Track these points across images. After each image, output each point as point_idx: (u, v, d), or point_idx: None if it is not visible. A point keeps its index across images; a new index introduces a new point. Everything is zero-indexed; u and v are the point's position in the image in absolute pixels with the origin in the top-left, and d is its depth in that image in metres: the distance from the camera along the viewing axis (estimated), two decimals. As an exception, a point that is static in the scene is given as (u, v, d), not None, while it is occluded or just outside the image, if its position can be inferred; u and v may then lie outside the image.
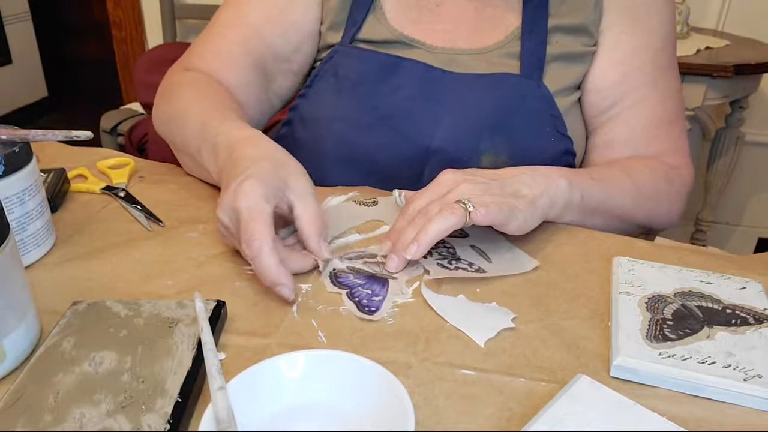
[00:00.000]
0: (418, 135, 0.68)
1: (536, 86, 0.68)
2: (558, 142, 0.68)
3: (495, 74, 0.69)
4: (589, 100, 0.71)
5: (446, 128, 0.68)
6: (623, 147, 0.71)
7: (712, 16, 1.79)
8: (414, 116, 0.69)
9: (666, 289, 0.50)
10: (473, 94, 0.68)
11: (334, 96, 0.72)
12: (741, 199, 2.00)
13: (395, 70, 0.70)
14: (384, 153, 0.70)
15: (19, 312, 0.42)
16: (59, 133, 0.54)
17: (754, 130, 1.85)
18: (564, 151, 0.69)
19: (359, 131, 0.70)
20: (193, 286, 0.51)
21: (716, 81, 1.45)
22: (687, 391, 0.41)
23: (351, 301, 0.50)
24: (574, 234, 0.61)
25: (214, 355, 0.40)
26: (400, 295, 0.51)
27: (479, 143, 0.67)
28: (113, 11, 2.14)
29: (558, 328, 0.47)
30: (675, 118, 0.72)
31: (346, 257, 0.56)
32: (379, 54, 0.71)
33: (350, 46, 0.72)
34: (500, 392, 0.41)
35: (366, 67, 0.71)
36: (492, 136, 0.67)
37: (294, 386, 0.38)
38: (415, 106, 0.69)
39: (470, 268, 0.54)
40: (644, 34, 0.71)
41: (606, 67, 0.70)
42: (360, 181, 0.70)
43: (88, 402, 0.37)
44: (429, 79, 0.69)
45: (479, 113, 0.68)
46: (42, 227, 0.55)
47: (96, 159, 0.73)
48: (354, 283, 0.52)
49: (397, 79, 0.70)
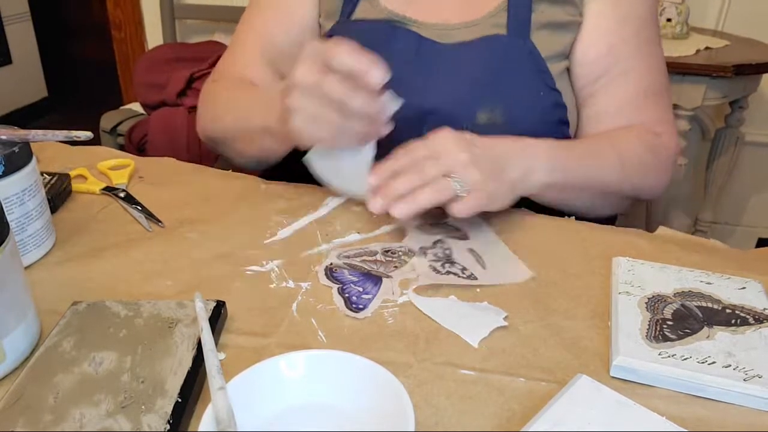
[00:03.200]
0: (413, 98, 0.70)
1: (523, 44, 0.70)
2: (547, 96, 0.70)
3: (483, 38, 0.71)
4: (576, 71, 0.73)
5: (440, 89, 0.70)
6: (612, 118, 0.72)
7: (712, 16, 1.79)
8: (408, 79, 0.71)
9: (666, 289, 0.50)
10: (464, 57, 0.71)
11: None
12: (741, 199, 2.00)
13: (389, 38, 0.73)
14: None
15: (19, 312, 0.42)
16: (59, 133, 0.54)
17: (754, 130, 1.85)
18: (554, 103, 0.70)
19: None
20: (193, 286, 0.51)
21: (716, 81, 1.45)
22: (687, 391, 0.41)
23: (340, 297, 0.50)
24: (574, 234, 0.61)
25: (214, 355, 0.40)
26: (390, 295, 0.51)
27: (473, 101, 0.70)
28: (113, 11, 2.14)
29: (558, 328, 0.47)
30: (661, 90, 0.74)
31: (344, 254, 0.56)
32: (372, 23, 0.75)
33: (345, 21, 0.76)
34: (500, 392, 0.41)
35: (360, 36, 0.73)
36: (484, 93, 0.70)
37: (294, 386, 0.38)
38: (409, 69, 0.72)
39: (462, 274, 0.54)
40: (629, 6, 0.72)
41: (592, 39, 0.72)
42: None
43: (88, 402, 0.37)
44: (421, 47, 0.73)
45: (471, 73, 0.70)
46: (42, 227, 0.55)
47: (96, 159, 0.73)
48: (347, 279, 0.52)
49: (390, 47, 0.73)
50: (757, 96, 1.75)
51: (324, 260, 0.55)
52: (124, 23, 2.15)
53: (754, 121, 1.83)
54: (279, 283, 0.52)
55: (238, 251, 0.57)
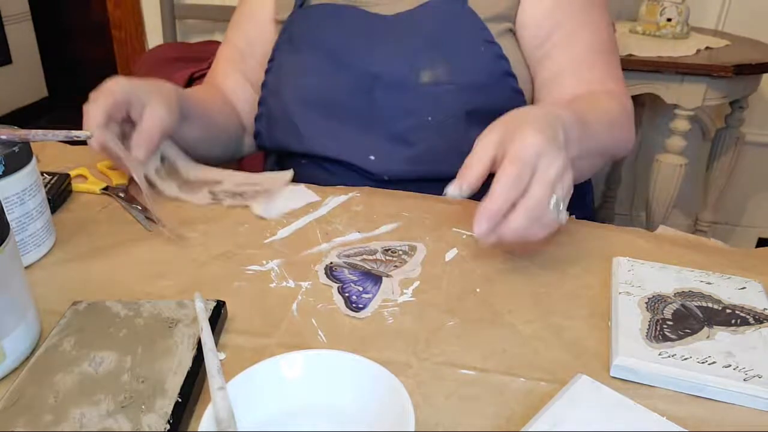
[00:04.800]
0: (361, 63, 0.75)
1: (460, 8, 0.73)
2: (488, 49, 0.72)
3: (422, 5, 0.74)
4: (524, 35, 0.74)
5: (385, 53, 0.73)
6: (570, 76, 0.73)
7: (712, 16, 1.79)
8: (356, 49, 0.75)
9: (666, 289, 0.50)
10: (406, 25, 0.74)
11: (290, 55, 0.79)
12: (741, 199, 2.00)
13: (337, 17, 0.77)
14: (336, 89, 0.75)
15: (19, 312, 0.42)
16: (59, 133, 0.54)
17: (754, 130, 1.85)
18: (496, 55, 0.72)
19: (312, 76, 0.77)
20: (193, 286, 0.51)
21: (716, 81, 1.44)
22: (687, 391, 0.41)
23: (340, 296, 0.50)
24: (574, 234, 0.61)
25: (214, 355, 0.40)
26: (390, 295, 0.51)
27: (415, 62, 0.72)
28: (113, 11, 2.14)
29: (558, 328, 0.47)
30: (609, 49, 0.76)
31: (344, 253, 0.56)
32: (322, 6, 0.78)
33: (297, 11, 0.80)
34: (500, 392, 0.41)
35: (311, 19, 0.79)
36: (425, 52, 0.72)
37: (294, 386, 0.38)
38: (357, 42, 0.75)
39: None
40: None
41: (535, 3, 0.73)
42: (322, 121, 0.76)
43: (88, 402, 0.37)
44: (368, 21, 0.76)
45: (411, 37, 0.73)
46: (42, 227, 0.55)
47: (96, 159, 0.73)
48: (347, 278, 0.52)
49: (339, 24, 0.77)
50: (757, 96, 1.75)
51: (324, 259, 0.55)
52: (124, 23, 2.15)
53: (754, 121, 1.83)
54: (279, 283, 0.52)
55: (238, 251, 0.57)
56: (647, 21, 1.67)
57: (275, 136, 0.81)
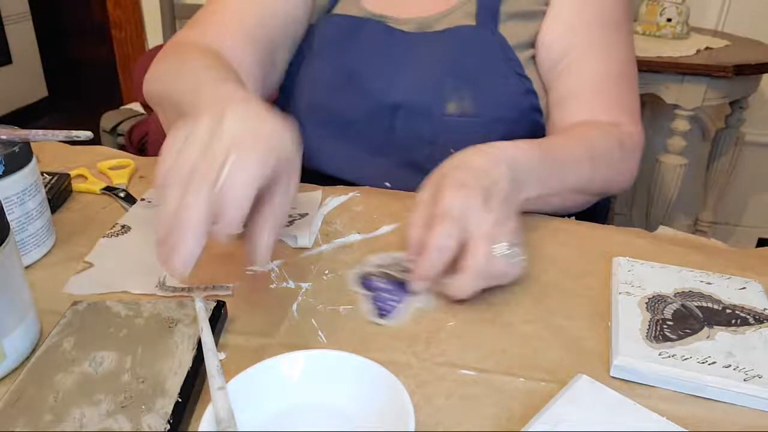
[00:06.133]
0: (382, 90, 0.72)
1: (491, 33, 0.70)
2: (517, 83, 0.70)
3: (451, 28, 0.72)
4: (540, 55, 0.73)
5: (409, 81, 0.71)
6: (574, 102, 0.70)
7: (712, 16, 1.79)
8: (377, 72, 0.72)
9: (666, 289, 0.50)
10: (432, 48, 0.72)
11: (309, 64, 0.76)
12: (741, 199, 2.00)
13: (358, 31, 0.74)
14: (353, 111, 0.73)
15: (19, 312, 0.42)
16: (59, 133, 0.54)
17: (754, 130, 1.85)
18: (525, 90, 0.70)
19: (328, 92, 0.74)
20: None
21: (716, 81, 1.45)
22: (687, 391, 0.41)
23: (371, 305, 0.49)
24: (574, 234, 0.61)
25: (214, 354, 0.40)
26: (421, 303, 0.50)
27: (442, 91, 0.70)
28: (113, 11, 2.14)
29: (558, 328, 0.47)
30: (623, 74, 0.72)
31: (378, 262, 0.55)
32: (344, 17, 0.75)
33: (322, 17, 0.77)
34: (500, 392, 0.41)
35: (332, 30, 0.76)
36: (453, 82, 0.70)
37: (294, 386, 0.38)
38: (378, 62, 0.72)
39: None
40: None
41: (554, 23, 0.72)
42: (335, 141, 0.73)
43: (88, 402, 0.37)
44: (389, 39, 0.73)
45: (439, 63, 0.71)
46: (42, 227, 0.55)
47: (96, 159, 0.73)
48: (380, 287, 0.52)
49: (359, 40, 0.74)
50: (757, 96, 1.75)
51: (357, 267, 0.54)
52: (125, 23, 2.15)
53: (754, 121, 1.83)
54: (279, 283, 0.52)
55: (238, 251, 0.57)
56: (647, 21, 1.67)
57: None
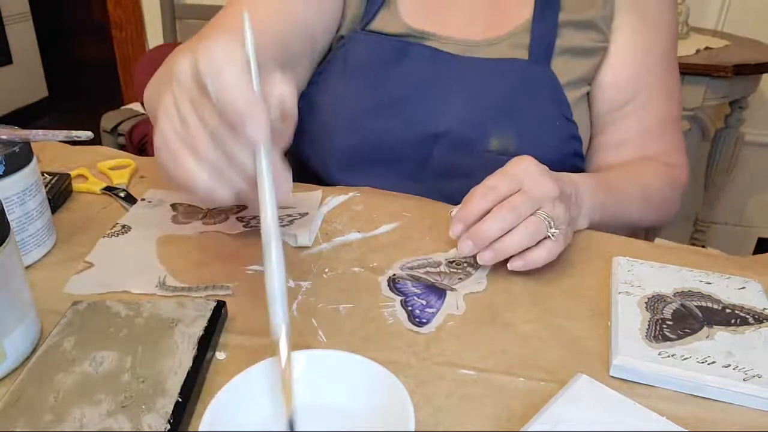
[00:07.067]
0: (426, 119, 0.69)
1: (543, 71, 0.69)
2: (564, 127, 0.69)
3: (502, 59, 0.70)
4: (601, 97, 0.72)
5: (454, 111, 0.69)
6: (635, 145, 0.72)
7: (711, 16, 1.79)
8: (421, 100, 0.70)
9: (666, 289, 0.50)
10: (480, 78, 0.69)
11: (343, 81, 0.72)
12: (741, 199, 2.00)
13: (403, 55, 0.71)
14: (391, 136, 0.70)
15: (19, 312, 0.42)
16: (59, 133, 0.54)
17: (754, 130, 1.85)
18: (570, 135, 0.69)
19: (367, 115, 0.70)
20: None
21: (716, 81, 1.45)
22: (687, 390, 0.41)
23: (403, 310, 0.49)
24: (573, 234, 0.61)
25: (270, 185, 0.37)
26: (455, 310, 0.49)
27: (487, 126, 0.68)
28: (114, 11, 2.14)
29: (558, 328, 0.47)
30: (678, 116, 0.75)
31: (407, 265, 0.55)
32: (388, 39, 0.72)
33: (361, 33, 0.73)
34: (500, 392, 0.41)
35: (374, 52, 0.72)
36: (499, 118, 0.68)
37: (294, 386, 0.38)
38: (423, 90, 0.70)
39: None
40: (654, 34, 0.72)
41: (619, 66, 0.71)
42: (366, 166, 0.71)
43: (88, 402, 0.37)
44: (437, 63, 0.70)
45: (486, 97, 0.69)
46: (42, 227, 0.55)
47: (97, 159, 0.73)
48: (411, 291, 0.51)
49: (405, 64, 0.71)
50: (757, 96, 1.75)
51: (387, 271, 0.54)
52: (125, 23, 2.15)
53: (754, 121, 1.83)
54: (279, 283, 0.52)
55: (238, 250, 0.57)
56: (647, 21, 1.66)
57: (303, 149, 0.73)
